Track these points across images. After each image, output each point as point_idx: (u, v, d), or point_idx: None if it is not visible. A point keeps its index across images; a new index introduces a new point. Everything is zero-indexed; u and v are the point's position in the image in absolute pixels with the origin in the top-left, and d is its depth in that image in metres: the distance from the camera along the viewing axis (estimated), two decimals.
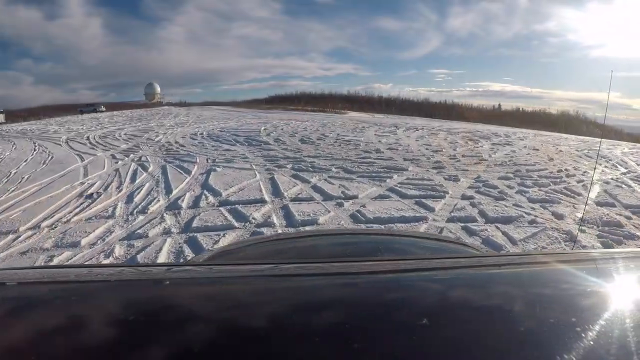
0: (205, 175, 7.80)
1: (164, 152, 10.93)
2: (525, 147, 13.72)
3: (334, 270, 0.65)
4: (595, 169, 9.32)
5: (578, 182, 7.70)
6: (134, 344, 0.42)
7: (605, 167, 9.72)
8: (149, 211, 5.35)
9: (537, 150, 12.97)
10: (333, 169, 8.32)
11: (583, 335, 0.41)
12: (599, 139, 21.39)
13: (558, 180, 7.88)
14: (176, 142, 12.66)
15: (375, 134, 15.65)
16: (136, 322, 0.46)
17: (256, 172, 8.03)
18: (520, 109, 43.01)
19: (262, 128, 17.28)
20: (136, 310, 0.49)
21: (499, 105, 46.04)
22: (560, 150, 13.35)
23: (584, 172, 8.94)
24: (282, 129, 17.11)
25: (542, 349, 0.40)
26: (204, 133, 15.56)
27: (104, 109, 36.47)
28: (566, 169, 9.05)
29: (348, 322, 0.44)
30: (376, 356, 0.38)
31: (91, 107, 36.37)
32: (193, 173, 8.03)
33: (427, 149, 12.00)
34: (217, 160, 9.54)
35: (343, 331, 0.42)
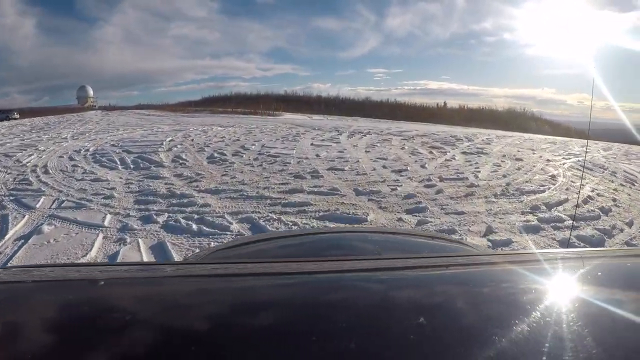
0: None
1: None
2: (505, 155, 10.78)
3: (328, 268, 0.66)
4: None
5: None
6: (128, 340, 0.42)
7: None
8: None
9: (522, 160, 10.05)
10: (233, 225, 4.60)
11: (578, 332, 0.42)
12: (570, 139, 19.63)
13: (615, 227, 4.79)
14: (41, 167, 8.38)
15: (312, 144, 12.14)
16: (130, 319, 0.46)
17: (98, 235, 4.25)
18: (465, 107, 41.59)
19: (168, 139, 13.14)
20: (129, 308, 0.50)
21: (445, 103, 44.36)
22: (549, 160, 10.51)
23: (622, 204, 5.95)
24: (192, 140, 13.04)
25: (537, 347, 0.40)
26: (92, 149, 11.13)
27: (18, 116, 32.84)
28: (607, 206, 6.01)
29: (342, 320, 0.44)
30: (373, 354, 0.39)
31: (3, 115, 31.55)
32: None
33: (384, 166, 8.63)
34: (64, 203, 5.60)
35: (337, 329, 0.42)
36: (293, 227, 4.59)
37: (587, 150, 14.68)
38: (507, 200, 5.82)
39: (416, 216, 5.05)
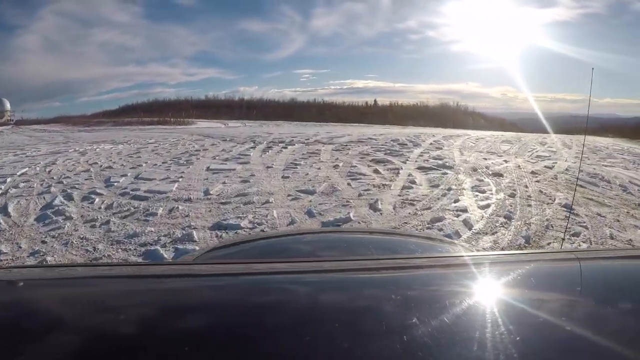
0: None
1: None
2: (475, 169, 7.84)
3: (324, 268, 0.66)
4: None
5: None
6: (121, 340, 0.42)
7: None
8: None
9: (503, 176, 7.14)
10: None
11: (573, 332, 0.42)
12: (518, 134, 17.62)
13: None
14: None
15: (209, 167, 8.43)
16: (123, 319, 0.46)
17: None
18: (397, 104, 39.65)
19: (19, 173, 8.78)
20: (128, 307, 0.50)
21: (375, 101, 42.13)
22: (534, 173, 7.71)
23: None
24: (49, 172, 8.82)
25: (531, 347, 0.40)
26: None
27: None
28: None
29: (337, 319, 0.44)
30: (367, 354, 0.39)
31: None
32: None
33: (310, 210, 5.23)
34: None
35: (332, 329, 0.42)
36: None
37: (550, 148, 12.39)
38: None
39: None
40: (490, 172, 7.58)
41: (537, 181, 7.00)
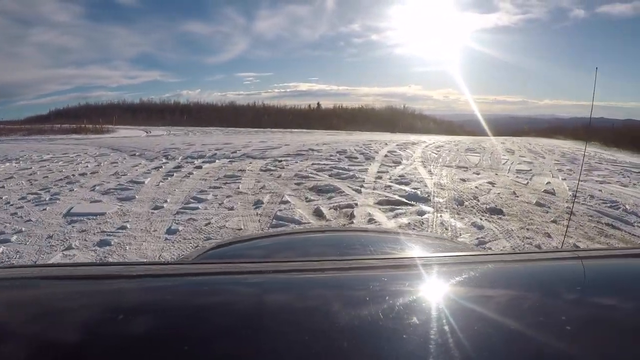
0: None
1: None
2: (477, 199, 5.47)
3: (323, 267, 0.66)
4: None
5: None
6: (125, 341, 0.43)
7: None
8: None
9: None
10: None
11: (572, 333, 0.42)
12: (480, 138, 15.79)
13: None
14: None
15: (73, 211, 5.39)
16: (127, 319, 0.46)
17: None
18: (341, 107, 37.38)
19: None
20: (127, 308, 0.50)
21: (318, 104, 39.58)
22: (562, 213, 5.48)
23: None
24: None
25: (530, 348, 0.40)
26: None
27: None
28: None
29: (337, 320, 0.45)
30: (367, 354, 0.39)
31: None
32: None
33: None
34: None
35: (332, 329, 0.43)
36: None
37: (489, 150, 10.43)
38: None
39: None
40: (484, 206, 5.22)
41: (555, 222, 4.73)
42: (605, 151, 16.49)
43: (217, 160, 9.29)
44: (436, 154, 11.02)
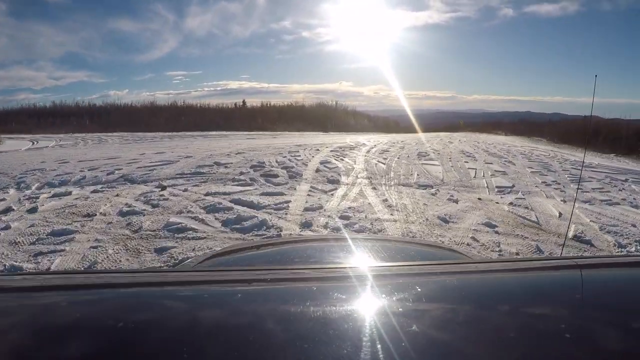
0: None
1: None
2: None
3: (323, 275, 0.67)
4: None
5: None
6: (124, 349, 0.43)
7: None
8: None
9: None
10: None
11: (571, 341, 0.42)
12: (422, 135, 13.50)
13: None
14: None
15: None
16: (127, 327, 0.47)
17: None
18: (269, 104, 34.04)
19: None
20: (121, 316, 0.50)
21: (244, 102, 35.89)
22: None
23: None
24: None
25: (529, 355, 0.40)
26: None
27: None
28: None
29: (335, 327, 0.44)
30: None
31: None
32: None
33: None
34: None
35: (331, 336, 0.42)
36: None
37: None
38: None
39: None
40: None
41: None
42: (564, 150, 14.92)
43: (74, 191, 5.92)
44: (383, 163, 8.37)
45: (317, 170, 7.21)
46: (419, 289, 0.56)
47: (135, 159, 9.59)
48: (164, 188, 5.95)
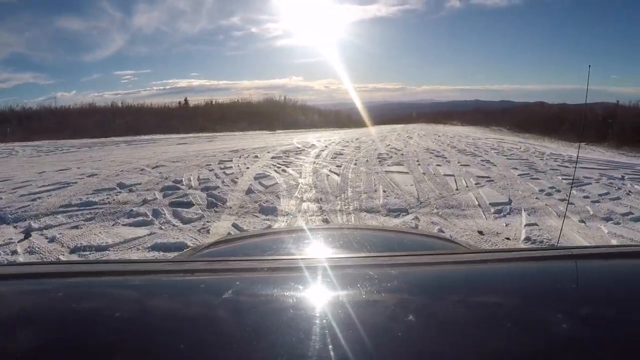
0: None
1: None
2: None
3: (319, 265, 0.64)
4: None
5: None
6: (110, 337, 0.42)
7: None
8: None
9: None
10: None
11: (568, 331, 0.41)
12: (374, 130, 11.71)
13: None
14: None
15: None
16: (126, 317, 0.46)
17: None
18: (213, 102, 31.24)
19: None
20: (129, 305, 0.50)
21: (186, 100, 32.77)
22: None
23: None
24: None
25: (526, 345, 0.40)
26: None
27: None
28: None
29: (333, 317, 0.43)
30: (362, 351, 0.38)
31: None
32: None
33: None
34: None
35: (328, 326, 0.42)
36: None
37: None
38: None
39: None
40: None
41: None
42: (531, 141, 13.69)
43: None
44: (337, 173, 6.50)
45: (249, 192, 5.24)
46: (408, 280, 0.55)
47: (27, 180, 7.19)
48: (28, 235, 3.88)
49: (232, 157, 8.32)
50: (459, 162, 7.58)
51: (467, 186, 5.60)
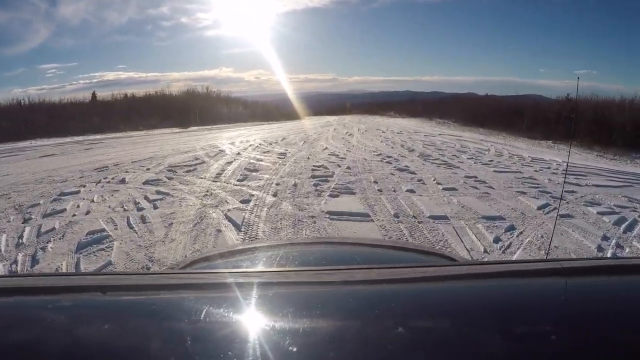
0: None
1: None
2: None
3: (311, 279, 0.63)
4: None
5: None
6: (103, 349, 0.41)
7: None
8: None
9: None
10: None
11: (557, 345, 0.40)
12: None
13: None
14: None
15: None
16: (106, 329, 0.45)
17: None
18: (124, 96, 26.39)
19: None
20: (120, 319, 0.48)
21: (94, 94, 27.46)
22: None
23: None
24: None
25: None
26: None
27: None
28: None
29: (322, 330, 0.43)
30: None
31: None
32: None
33: None
34: None
35: (318, 340, 0.41)
36: None
37: None
38: None
39: None
40: None
41: None
42: (492, 138, 11.43)
43: None
44: (238, 226, 3.48)
45: None
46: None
47: None
48: None
49: (84, 184, 5.03)
50: (437, 183, 4.85)
51: (476, 238, 2.84)
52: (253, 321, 0.46)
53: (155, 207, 3.86)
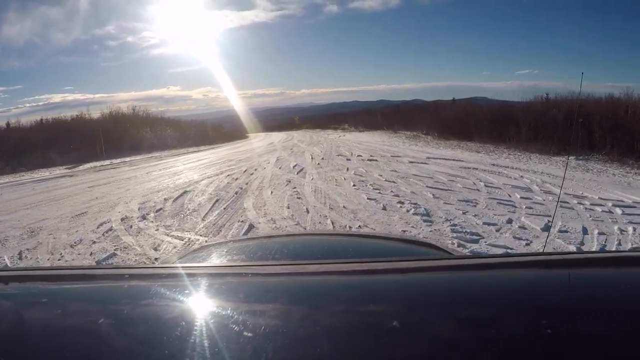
0: None
1: None
2: None
3: (302, 271, 0.61)
4: None
5: None
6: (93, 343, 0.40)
7: None
8: None
9: None
10: None
11: (552, 339, 0.38)
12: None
13: None
14: None
15: None
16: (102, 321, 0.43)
17: None
18: (16, 125, 21.05)
19: None
20: (105, 310, 0.47)
21: (8, 124, 21.96)
22: None
23: None
24: None
25: (508, 353, 0.37)
26: None
27: None
28: None
29: (316, 322, 0.42)
30: (346, 356, 0.36)
31: None
32: None
33: None
34: None
35: (312, 332, 0.40)
36: None
37: None
38: None
39: None
40: None
41: None
42: (488, 156, 8.06)
43: None
44: None
45: None
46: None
47: None
48: None
49: None
50: None
51: None
52: (238, 312, 0.43)
53: None
